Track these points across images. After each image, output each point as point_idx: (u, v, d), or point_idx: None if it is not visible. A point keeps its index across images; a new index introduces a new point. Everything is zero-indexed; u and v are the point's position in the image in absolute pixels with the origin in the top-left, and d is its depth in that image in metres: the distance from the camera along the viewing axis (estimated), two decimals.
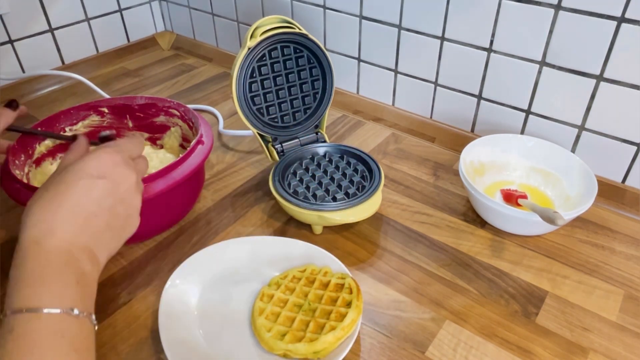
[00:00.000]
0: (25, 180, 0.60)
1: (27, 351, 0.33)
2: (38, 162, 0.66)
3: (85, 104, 0.71)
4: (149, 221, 0.62)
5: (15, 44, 0.95)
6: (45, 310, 0.35)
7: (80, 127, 0.71)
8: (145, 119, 0.74)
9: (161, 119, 0.73)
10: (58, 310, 0.35)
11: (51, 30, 0.99)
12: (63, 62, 1.03)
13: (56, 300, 0.36)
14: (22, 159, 0.63)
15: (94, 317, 0.39)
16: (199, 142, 0.63)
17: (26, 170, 0.63)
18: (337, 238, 0.64)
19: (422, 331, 0.52)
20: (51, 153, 0.68)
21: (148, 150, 0.73)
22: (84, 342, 0.37)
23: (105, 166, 0.44)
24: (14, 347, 0.33)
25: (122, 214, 0.45)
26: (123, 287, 0.57)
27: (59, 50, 1.02)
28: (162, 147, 0.75)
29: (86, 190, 0.42)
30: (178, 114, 0.72)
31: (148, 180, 0.56)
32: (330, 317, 0.49)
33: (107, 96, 0.90)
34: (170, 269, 0.57)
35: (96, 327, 0.39)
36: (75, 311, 0.36)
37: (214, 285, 0.56)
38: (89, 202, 0.41)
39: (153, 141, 0.75)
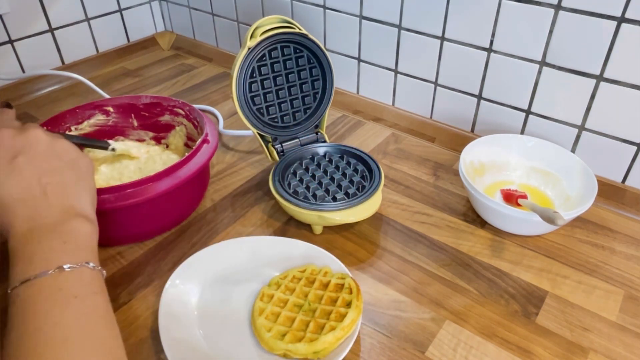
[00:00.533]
0: None
1: (31, 310, 0.37)
2: None
3: (90, 103, 0.71)
4: (155, 221, 0.62)
5: (15, 44, 0.95)
6: (67, 267, 0.39)
7: (86, 126, 0.71)
8: (150, 118, 0.74)
9: (166, 118, 0.73)
10: (50, 271, 0.39)
11: (51, 30, 0.99)
12: (63, 62, 1.03)
13: (71, 259, 0.40)
14: None
15: (91, 264, 0.41)
16: (205, 141, 0.63)
17: None
18: (337, 238, 0.64)
19: (422, 331, 0.52)
20: None
21: (152, 149, 0.73)
22: (85, 288, 0.40)
23: (10, 144, 0.45)
24: (19, 313, 0.37)
25: (62, 165, 0.46)
26: (123, 287, 0.57)
27: (59, 50, 1.02)
28: (167, 146, 0.75)
29: (15, 174, 0.43)
30: (183, 113, 0.72)
31: (154, 179, 0.56)
32: (330, 317, 0.49)
33: (107, 96, 0.90)
34: (170, 269, 0.57)
35: (101, 271, 0.42)
36: (66, 266, 0.39)
37: (214, 285, 0.56)
38: (26, 181, 0.44)
39: (158, 140, 0.75)
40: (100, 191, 0.55)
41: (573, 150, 0.72)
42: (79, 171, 0.48)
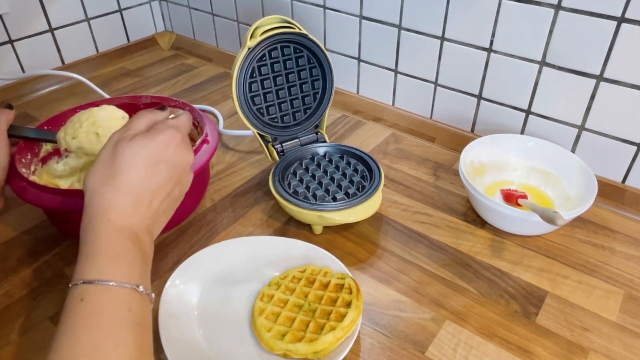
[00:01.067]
0: (31, 179, 0.61)
1: (96, 319, 0.36)
2: (44, 160, 0.67)
3: (91, 103, 0.71)
4: None
5: (15, 44, 0.95)
6: (115, 284, 0.37)
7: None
8: None
9: None
10: (127, 286, 0.38)
11: (51, 30, 0.99)
12: (63, 62, 1.03)
13: (126, 276, 0.38)
14: (29, 157, 0.64)
15: (153, 295, 0.41)
16: (204, 141, 0.63)
17: (32, 168, 0.64)
18: (337, 238, 0.64)
19: (422, 331, 0.52)
20: (57, 151, 0.69)
21: None
22: (145, 318, 0.39)
23: (166, 149, 0.45)
24: (84, 315, 0.36)
25: (177, 195, 0.48)
26: None
27: (59, 50, 1.02)
28: None
29: (149, 176, 0.43)
30: None
31: None
32: (330, 317, 0.49)
33: (107, 96, 0.90)
34: (170, 269, 0.57)
35: (149, 295, 0.41)
36: (141, 288, 0.39)
37: (214, 285, 0.56)
38: (151, 187, 0.43)
39: None
40: None
41: (573, 150, 0.72)
42: (181, 190, 0.49)
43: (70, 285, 0.38)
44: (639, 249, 0.63)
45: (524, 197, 0.66)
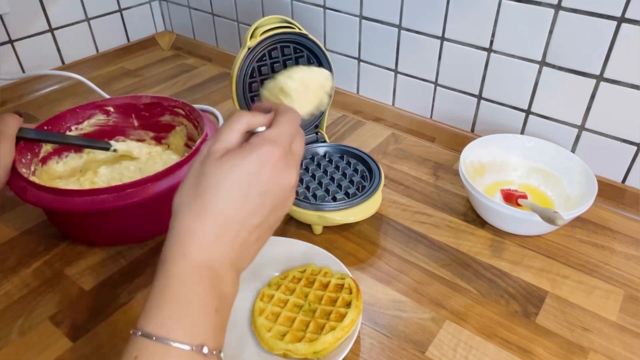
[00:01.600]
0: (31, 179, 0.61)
1: None
2: (44, 160, 0.67)
3: (91, 103, 0.71)
4: (155, 221, 0.62)
5: (15, 44, 0.95)
6: (175, 345, 0.32)
7: (86, 126, 0.71)
8: (151, 118, 0.74)
9: (166, 118, 0.73)
10: (187, 348, 0.32)
11: (51, 30, 0.99)
12: (63, 62, 1.03)
13: (188, 335, 0.32)
14: (29, 157, 0.63)
15: (222, 355, 0.34)
16: (204, 141, 0.63)
17: (32, 168, 0.64)
18: (337, 238, 0.64)
19: (422, 331, 0.52)
20: (57, 152, 0.69)
21: (153, 150, 0.74)
22: None
23: (260, 170, 0.37)
24: None
25: (272, 223, 0.40)
26: (123, 287, 0.57)
27: (59, 50, 1.02)
28: (167, 146, 0.75)
29: (239, 203, 0.36)
30: (183, 113, 0.72)
31: (153, 179, 0.56)
32: (330, 317, 0.49)
33: (107, 96, 0.90)
34: None
35: (218, 355, 0.35)
36: (205, 349, 0.32)
37: None
38: (241, 216, 0.36)
39: (158, 140, 0.75)
40: (101, 191, 0.55)
41: (573, 150, 0.72)
42: (278, 216, 0.40)
43: (130, 332, 0.33)
44: (639, 249, 0.63)
45: (524, 197, 0.66)
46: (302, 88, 0.49)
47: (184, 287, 0.34)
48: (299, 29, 0.68)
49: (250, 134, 0.40)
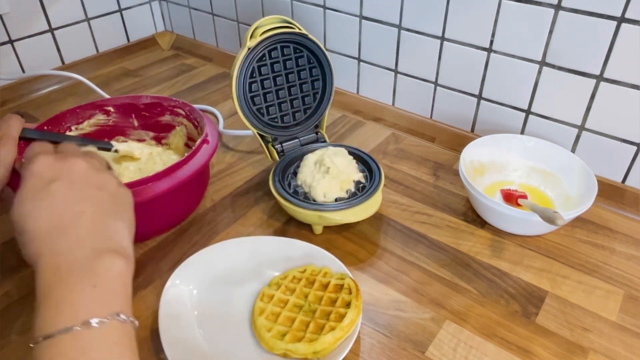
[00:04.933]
0: None
1: None
2: None
3: (91, 103, 0.71)
4: (155, 221, 0.62)
5: (15, 44, 0.95)
6: (59, 334, 0.33)
7: (86, 126, 0.71)
8: (151, 118, 0.74)
9: (166, 118, 0.73)
10: (76, 326, 0.33)
11: (51, 30, 0.99)
12: (63, 62, 1.03)
13: (68, 316, 0.34)
14: None
15: (122, 316, 0.36)
16: (204, 141, 0.63)
17: None
18: (337, 238, 0.64)
19: (422, 331, 0.52)
20: None
21: (154, 150, 0.73)
22: (112, 349, 0.34)
23: (47, 171, 0.41)
24: None
25: (100, 195, 0.42)
26: None
27: (59, 50, 1.02)
28: (167, 146, 0.75)
29: (49, 200, 0.39)
30: (183, 113, 0.72)
31: (153, 179, 0.56)
32: (330, 317, 0.49)
33: (107, 96, 0.90)
34: (170, 269, 0.57)
35: (133, 322, 0.37)
36: (93, 321, 0.34)
37: (214, 285, 0.56)
38: (59, 208, 0.39)
39: (158, 140, 0.75)
40: None
41: (573, 150, 0.72)
42: (118, 202, 0.43)
43: (31, 346, 0.33)
44: (639, 249, 0.63)
45: (524, 197, 0.66)
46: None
47: (61, 286, 0.36)
48: (299, 29, 0.68)
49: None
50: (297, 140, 0.72)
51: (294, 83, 0.71)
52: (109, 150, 0.68)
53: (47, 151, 0.44)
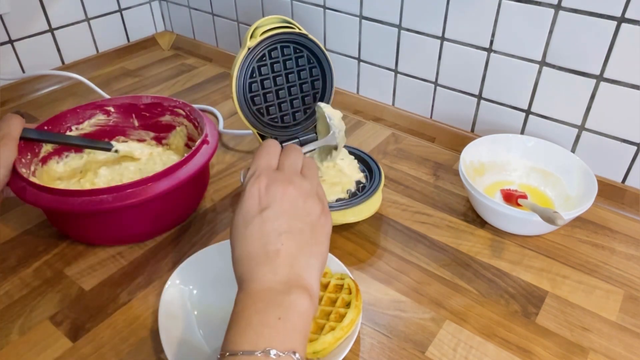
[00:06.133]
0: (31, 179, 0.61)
1: None
2: (44, 160, 0.67)
3: (91, 103, 0.71)
4: (155, 221, 0.62)
5: (15, 44, 0.95)
6: (242, 355, 0.35)
7: (86, 126, 0.71)
8: (151, 118, 0.74)
9: (167, 118, 0.73)
10: (257, 352, 0.35)
11: (51, 30, 0.99)
12: (63, 62, 1.03)
13: (252, 340, 0.36)
14: (29, 157, 0.63)
15: (297, 356, 0.36)
16: (204, 141, 0.63)
17: (32, 168, 0.64)
18: (337, 238, 0.64)
19: (422, 331, 0.52)
20: (57, 152, 0.69)
21: (153, 150, 0.74)
22: None
23: (262, 194, 0.43)
24: None
25: (302, 227, 0.43)
26: (123, 287, 0.57)
27: (59, 50, 1.02)
28: (168, 146, 0.75)
29: (258, 227, 0.42)
30: (184, 113, 0.72)
31: (153, 179, 0.56)
32: (330, 317, 0.49)
33: (107, 96, 0.90)
34: (170, 269, 0.57)
35: None
36: (272, 353, 0.35)
37: (214, 285, 0.56)
38: (265, 237, 0.41)
39: (158, 140, 0.75)
40: (100, 191, 0.55)
41: (573, 150, 0.72)
42: (318, 235, 0.44)
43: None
44: (639, 249, 0.63)
45: (524, 197, 0.66)
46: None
47: (251, 311, 0.38)
48: (299, 29, 0.68)
49: None
50: (297, 140, 0.72)
51: (294, 83, 0.71)
52: (109, 150, 0.68)
53: (271, 165, 0.46)
